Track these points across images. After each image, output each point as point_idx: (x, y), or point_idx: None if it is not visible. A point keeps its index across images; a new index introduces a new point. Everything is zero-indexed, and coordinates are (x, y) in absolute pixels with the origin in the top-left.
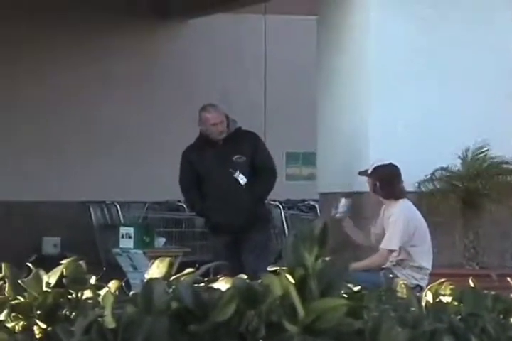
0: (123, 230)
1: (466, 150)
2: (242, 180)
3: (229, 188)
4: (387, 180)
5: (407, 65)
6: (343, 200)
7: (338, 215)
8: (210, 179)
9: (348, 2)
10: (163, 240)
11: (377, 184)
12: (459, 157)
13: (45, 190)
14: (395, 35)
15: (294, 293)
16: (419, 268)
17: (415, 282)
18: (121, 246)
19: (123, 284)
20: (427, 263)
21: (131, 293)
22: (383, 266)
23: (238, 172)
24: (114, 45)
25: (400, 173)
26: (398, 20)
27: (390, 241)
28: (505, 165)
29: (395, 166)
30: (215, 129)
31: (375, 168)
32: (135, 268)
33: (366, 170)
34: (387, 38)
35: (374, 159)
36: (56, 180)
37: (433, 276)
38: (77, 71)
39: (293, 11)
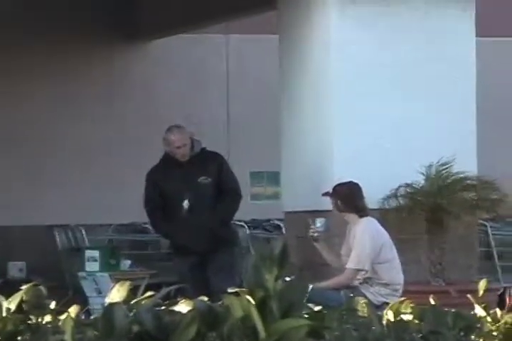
0: (88, 253)
1: (430, 167)
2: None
3: (193, 209)
4: (347, 198)
5: (369, 82)
6: (320, 219)
7: (315, 234)
8: (175, 200)
9: (308, 21)
10: (128, 262)
11: (339, 202)
12: (422, 173)
13: (10, 214)
14: (357, 52)
15: (255, 314)
16: (386, 285)
17: (382, 299)
18: (86, 269)
19: (86, 310)
20: (395, 279)
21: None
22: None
23: (186, 201)
24: (78, 66)
25: (360, 190)
26: (359, 38)
27: (357, 261)
28: (468, 181)
29: (355, 184)
30: (179, 152)
31: (334, 188)
32: (99, 293)
33: (328, 192)
34: (349, 56)
35: (338, 177)
36: (20, 204)
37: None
38: (40, 93)
39: (255, 30)
